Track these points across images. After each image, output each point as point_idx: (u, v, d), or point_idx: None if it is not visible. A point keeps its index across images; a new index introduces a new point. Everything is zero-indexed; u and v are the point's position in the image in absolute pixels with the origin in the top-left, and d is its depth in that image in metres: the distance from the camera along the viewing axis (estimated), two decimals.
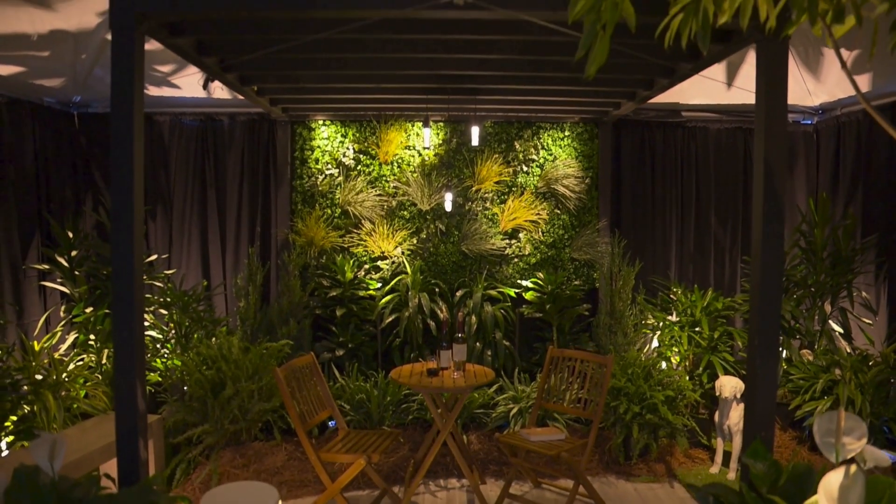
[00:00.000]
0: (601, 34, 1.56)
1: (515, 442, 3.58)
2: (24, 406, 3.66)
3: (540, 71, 3.66)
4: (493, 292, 5.14)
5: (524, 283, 5.29)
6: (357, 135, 5.25)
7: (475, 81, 4.08)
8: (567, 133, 5.35)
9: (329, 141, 5.26)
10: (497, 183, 5.29)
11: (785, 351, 4.57)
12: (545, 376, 3.88)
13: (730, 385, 3.97)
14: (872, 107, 1.40)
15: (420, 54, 3.38)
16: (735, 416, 3.99)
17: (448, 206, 4.94)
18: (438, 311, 4.97)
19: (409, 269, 5.15)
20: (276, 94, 4.59)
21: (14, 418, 3.59)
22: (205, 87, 3.72)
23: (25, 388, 3.67)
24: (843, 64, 1.44)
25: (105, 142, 5.12)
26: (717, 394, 4.03)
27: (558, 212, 5.36)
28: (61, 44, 3.92)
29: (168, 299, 4.52)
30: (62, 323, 4.52)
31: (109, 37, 3.81)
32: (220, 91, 4.72)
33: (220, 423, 4.00)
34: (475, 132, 4.57)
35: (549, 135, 5.33)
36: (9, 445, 3.56)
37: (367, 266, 5.27)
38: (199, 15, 2.74)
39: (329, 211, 5.27)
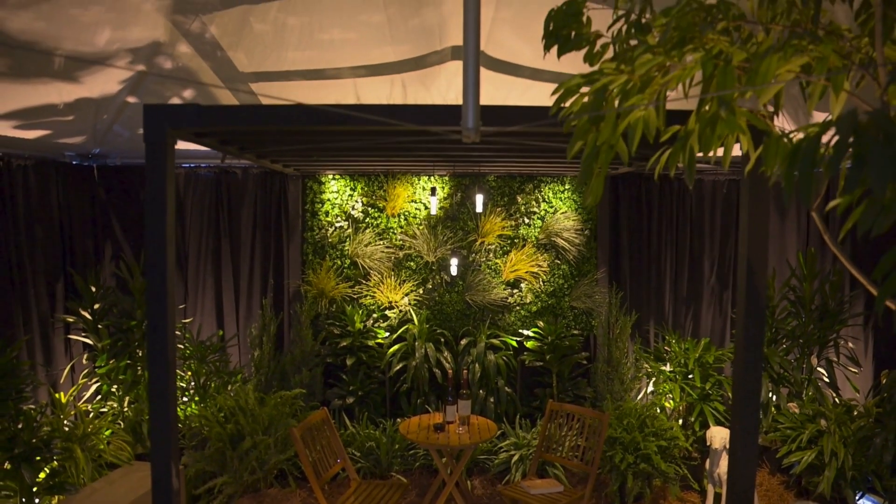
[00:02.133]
0: (597, 172, 1.76)
1: (516, 495, 3.83)
2: (54, 461, 3.89)
3: (541, 151, 3.87)
4: (495, 341, 5.34)
5: (525, 332, 5.49)
6: (365, 188, 5.45)
7: (478, 158, 4.30)
8: (567, 186, 5.55)
9: (339, 194, 5.46)
10: (499, 236, 5.50)
11: (774, 396, 4.79)
12: (545, 426, 4.14)
13: (720, 436, 4.18)
14: None
15: (425, 144, 3.60)
16: (725, 465, 4.17)
17: (454, 271, 5.11)
18: (444, 361, 5.17)
19: (415, 319, 5.35)
20: (290, 163, 4.82)
21: (47, 470, 3.82)
22: (223, 161, 3.95)
23: (57, 445, 3.90)
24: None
25: (122, 193, 5.32)
26: (708, 444, 4.25)
27: (558, 262, 5.56)
28: (85, 108, 4.14)
29: (187, 351, 4.75)
30: (85, 372, 4.76)
31: (130, 99, 4.08)
32: None
33: (239, 474, 4.24)
34: (479, 199, 4.79)
35: (549, 188, 5.53)
36: (39, 498, 3.78)
37: (375, 315, 5.47)
38: (222, 128, 2.97)
39: (339, 262, 5.47)
